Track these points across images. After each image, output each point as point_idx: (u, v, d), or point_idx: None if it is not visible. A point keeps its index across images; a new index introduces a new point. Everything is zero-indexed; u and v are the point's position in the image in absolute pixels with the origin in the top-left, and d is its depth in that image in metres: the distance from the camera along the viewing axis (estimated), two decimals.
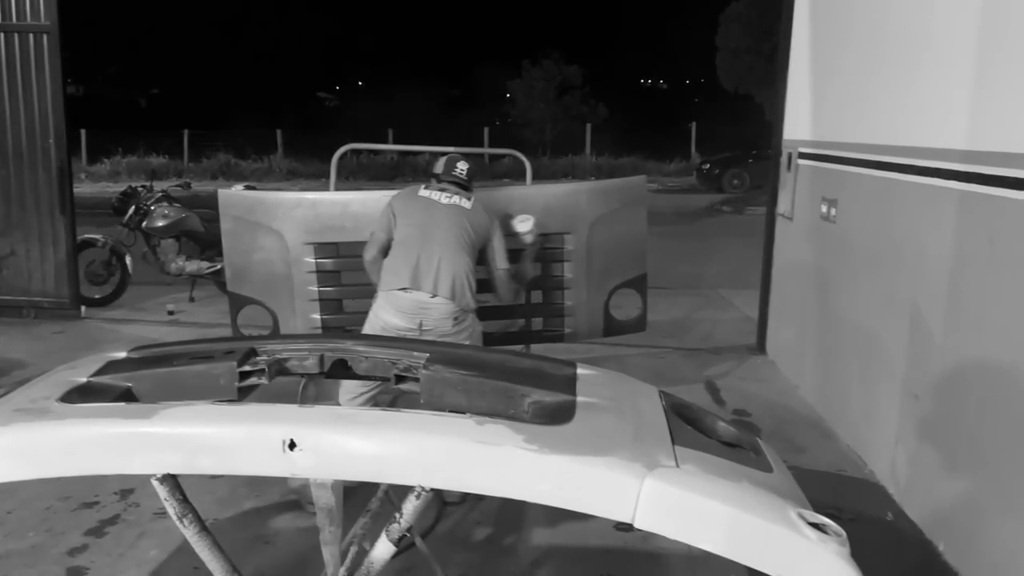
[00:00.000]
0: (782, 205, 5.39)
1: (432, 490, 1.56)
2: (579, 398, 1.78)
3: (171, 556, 2.94)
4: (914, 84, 3.50)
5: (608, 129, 25.83)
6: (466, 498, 3.30)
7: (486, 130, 24.52)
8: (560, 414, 1.69)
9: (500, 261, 3.48)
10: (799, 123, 5.18)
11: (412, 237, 3.37)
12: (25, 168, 6.26)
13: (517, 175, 21.11)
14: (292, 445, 1.54)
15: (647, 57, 42.73)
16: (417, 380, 1.85)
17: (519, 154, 4.70)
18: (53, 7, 6.07)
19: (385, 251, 3.46)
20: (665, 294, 7.05)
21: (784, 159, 5.37)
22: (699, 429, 1.86)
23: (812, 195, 4.80)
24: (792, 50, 5.34)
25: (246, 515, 3.29)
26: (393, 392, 2.15)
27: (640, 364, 5.36)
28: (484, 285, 3.52)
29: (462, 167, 3.54)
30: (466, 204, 3.45)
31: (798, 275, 5.09)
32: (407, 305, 3.29)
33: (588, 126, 25.25)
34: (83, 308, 6.55)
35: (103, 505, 3.33)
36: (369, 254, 3.49)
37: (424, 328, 3.28)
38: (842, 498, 3.51)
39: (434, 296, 3.29)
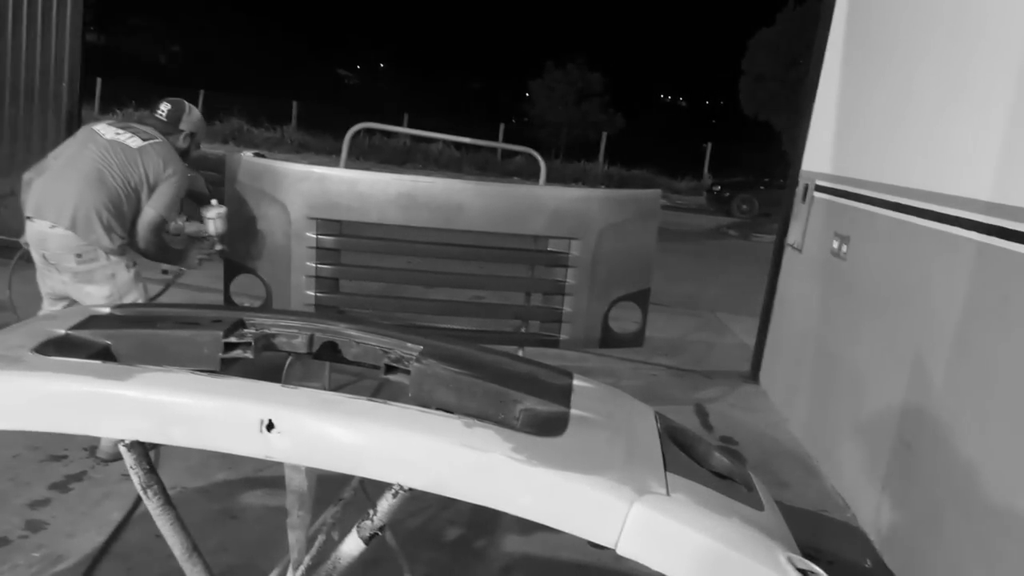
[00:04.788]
0: (792, 235, 5.33)
1: (411, 490, 1.49)
2: (573, 411, 1.71)
3: (134, 521, 2.87)
4: (943, 130, 3.43)
5: (623, 139, 25.83)
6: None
7: (501, 126, 24.46)
8: (552, 425, 1.62)
9: (154, 208, 3.37)
10: (819, 155, 5.12)
11: (51, 168, 3.34)
12: (35, 109, 6.18)
13: (528, 175, 21.06)
14: (270, 426, 1.47)
15: (669, 72, 42.73)
16: (407, 372, 1.78)
17: (535, 153, 4.63)
18: None
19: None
20: (662, 311, 6.98)
21: (800, 189, 5.31)
22: (692, 456, 1.79)
23: (825, 229, 4.74)
24: (821, 82, 5.28)
25: (216, 487, 3.22)
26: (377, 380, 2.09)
27: (631, 379, 5.30)
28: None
29: (164, 107, 3.59)
30: (134, 143, 3.38)
31: (800, 308, 5.03)
32: (31, 234, 3.28)
33: (604, 134, 25.20)
34: None
35: (71, 460, 3.26)
36: (26, 175, 3.42)
37: (49, 261, 3.26)
38: (822, 539, 3.45)
39: (54, 227, 3.21)
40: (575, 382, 1.90)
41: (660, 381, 5.41)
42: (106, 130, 3.40)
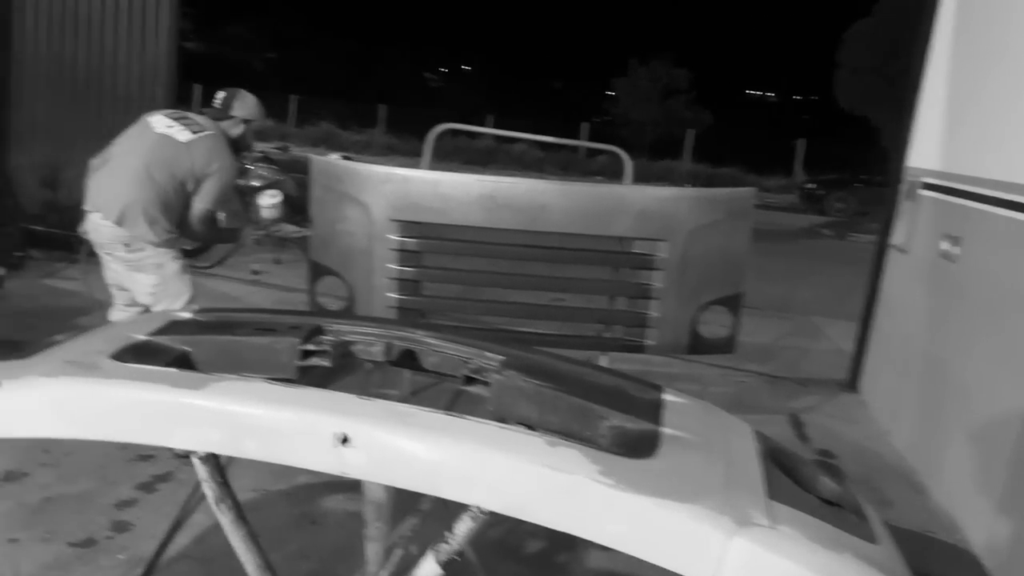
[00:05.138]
0: (897, 236, 5.01)
1: (491, 513, 1.40)
2: (664, 429, 1.58)
3: (217, 524, 2.87)
4: None
5: (710, 136, 25.23)
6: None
7: (584, 125, 24.25)
8: (642, 445, 1.50)
9: (202, 200, 3.50)
10: (926, 151, 4.79)
11: (108, 160, 3.50)
12: (133, 113, 6.37)
13: (611, 174, 20.77)
14: (345, 440, 1.40)
15: (758, 67, 41.57)
16: (487, 384, 1.69)
17: (620, 151, 4.47)
18: None
19: None
20: (753, 314, 6.67)
21: (904, 187, 4.99)
22: (796, 481, 1.63)
23: (933, 229, 4.42)
24: (927, 73, 4.94)
25: (298, 489, 3.21)
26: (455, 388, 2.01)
27: (720, 387, 5.09)
28: None
29: (219, 95, 3.73)
30: (183, 137, 3.47)
31: (905, 312, 4.72)
32: (88, 225, 3.47)
33: (691, 132, 24.68)
34: None
35: (159, 459, 3.30)
36: (92, 161, 3.60)
37: (104, 250, 3.48)
38: (930, 564, 3.20)
39: (104, 219, 3.39)
40: (665, 396, 1.77)
41: (751, 389, 5.18)
42: (159, 123, 3.54)
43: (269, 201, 3.78)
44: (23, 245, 5.96)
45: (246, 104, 3.72)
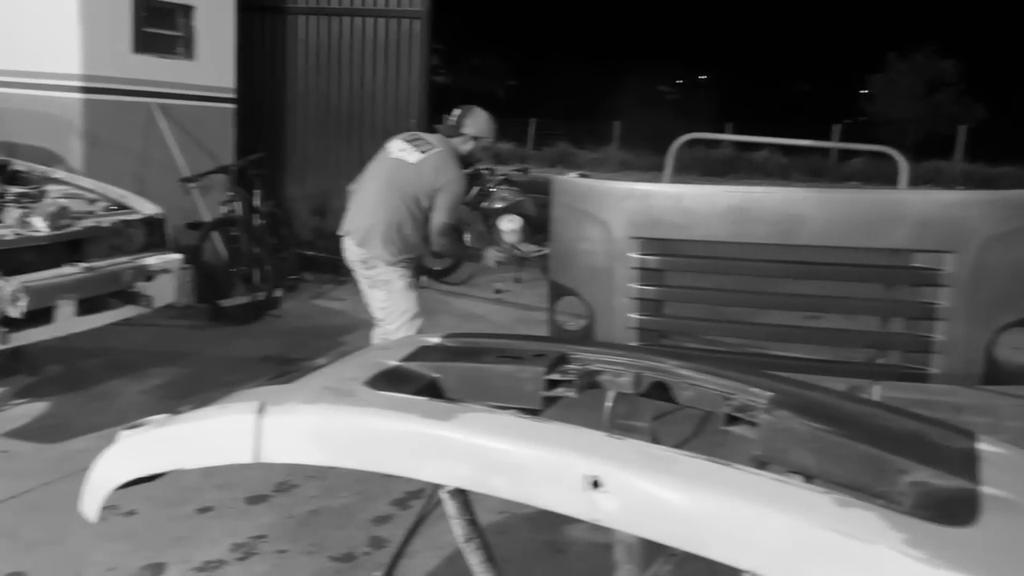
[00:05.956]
0: None
1: None
2: (984, 488, 1.29)
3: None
4: None
5: (985, 133, 22.46)
6: None
7: (836, 127, 22.61)
8: (957, 508, 1.22)
9: (438, 214, 3.75)
10: None
11: (358, 187, 3.91)
12: None
13: (867, 178, 19.12)
14: (596, 484, 1.27)
15: None
16: (753, 424, 1.49)
17: (894, 152, 3.99)
18: None
19: None
20: None
21: None
22: None
23: None
24: None
25: (544, 514, 3.12)
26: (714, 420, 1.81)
27: (1016, 420, 4.37)
28: None
29: (455, 112, 4.01)
30: (412, 158, 3.71)
31: None
32: (342, 245, 3.88)
33: (963, 128, 22.12)
34: (423, 278, 7.04)
35: None
36: (350, 187, 4.08)
37: (353, 269, 3.89)
38: None
39: (350, 241, 3.81)
40: (981, 446, 1.45)
41: None
42: (394, 147, 3.91)
43: (509, 226, 4.05)
44: (297, 269, 6.58)
45: (477, 121, 3.95)
